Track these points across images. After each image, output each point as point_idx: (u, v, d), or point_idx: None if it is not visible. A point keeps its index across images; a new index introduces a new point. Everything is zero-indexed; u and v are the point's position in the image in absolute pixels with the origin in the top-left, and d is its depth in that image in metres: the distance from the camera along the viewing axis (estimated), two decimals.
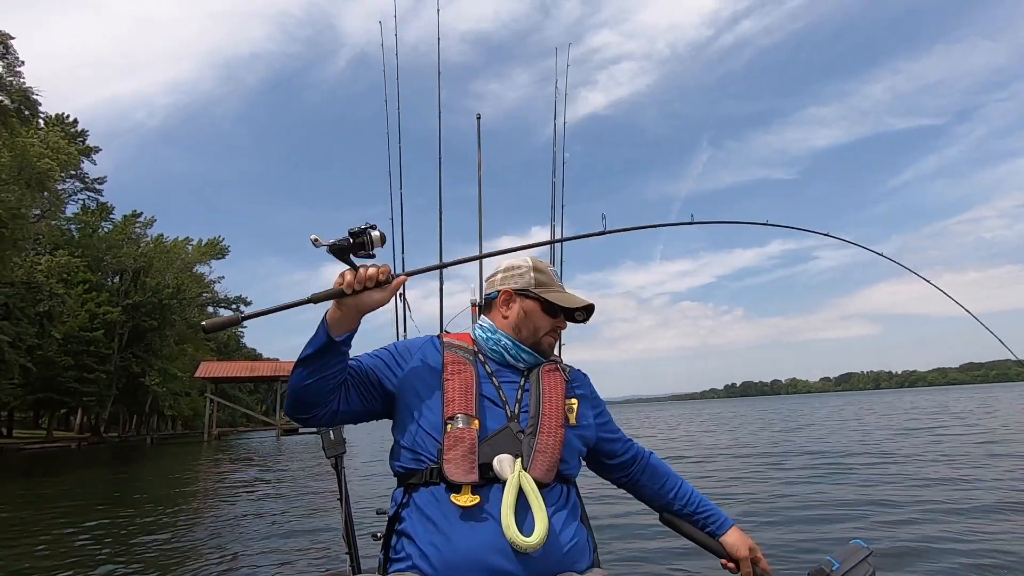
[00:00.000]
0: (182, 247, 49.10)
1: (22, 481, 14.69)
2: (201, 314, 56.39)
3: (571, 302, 1.43)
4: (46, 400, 37.18)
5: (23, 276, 29.50)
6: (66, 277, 34.24)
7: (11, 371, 28.75)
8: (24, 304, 30.62)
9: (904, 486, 6.51)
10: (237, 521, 6.90)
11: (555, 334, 1.45)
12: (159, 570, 4.74)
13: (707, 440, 15.41)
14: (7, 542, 6.33)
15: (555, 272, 1.50)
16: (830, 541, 4.25)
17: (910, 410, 26.50)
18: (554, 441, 1.27)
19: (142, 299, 42.15)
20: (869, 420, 20.52)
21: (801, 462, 9.26)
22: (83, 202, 43.61)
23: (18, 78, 21.13)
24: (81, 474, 16.60)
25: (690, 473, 8.33)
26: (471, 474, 1.17)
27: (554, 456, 1.25)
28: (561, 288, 1.48)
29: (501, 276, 1.48)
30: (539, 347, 1.42)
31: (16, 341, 28.80)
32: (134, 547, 5.75)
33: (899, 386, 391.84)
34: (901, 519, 4.89)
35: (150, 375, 42.55)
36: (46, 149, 24.68)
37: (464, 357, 1.35)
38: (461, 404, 1.25)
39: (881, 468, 8.02)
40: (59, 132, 29.84)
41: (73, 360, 36.17)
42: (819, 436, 14.25)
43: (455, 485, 1.16)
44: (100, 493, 11.40)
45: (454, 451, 1.19)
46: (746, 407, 63.14)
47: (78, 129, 39.87)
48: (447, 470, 1.17)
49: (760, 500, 6.20)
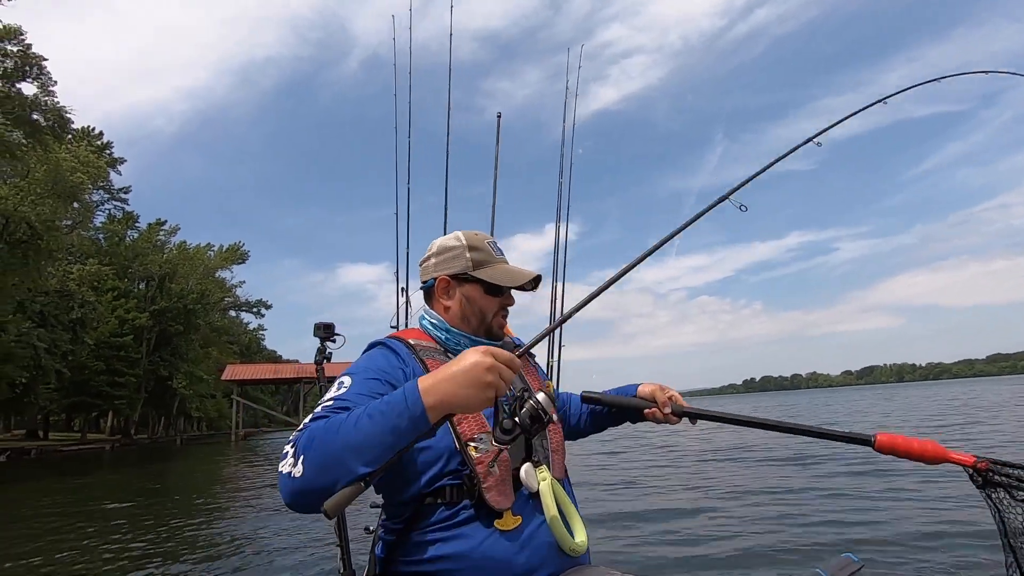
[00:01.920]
0: (204, 253, 50.39)
1: (69, 479, 15.55)
2: (223, 318, 57.85)
3: (515, 279, 1.29)
4: (80, 403, 38.57)
5: (56, 285, 30.77)
6: (96, 285, 35.60)
7: (48, 376, 29.98)
8: (58, 312, 31.91)
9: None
10: (267, 516, 7.48)
11: (504, 312, 1.32)
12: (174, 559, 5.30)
13: (734, 439, 15.13)
14: (81, 532, 6.98)
15: (492, 243, 1.35)
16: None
17: (970, 402, 24.81)
18: (560, 436, 1.26)
19: (168, 304, 43.45)
20: (921, 411, 20.24)
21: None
22: (110, 211, 45.17)
23: (51, 97, 22.09)
24: (124, 472, 17.45)
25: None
26: (511, 495, 1.12)
27: (564, 451, 1.25)
28: (502, 260, 1.33)
29: (434, 261, 1.33)
30: (491, 332, 1.30)
31: (52, 347, 30.02)
32: (176, 538, 6.34)
33: (923, 378, 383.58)
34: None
35: (177, 378, 43.91)
36: (77, 163, 25.77)
37: (443, 360, 1.21)
38: (476, 421, 1.15)
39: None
40: (87, 146, 31.00)
41: (104, 365, 37.51)
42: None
43: (495, 511, 1.10)
44: (154, 489, 12.14)
45: (492, 477, 1.11)
46: (766, 401, 62.53)
47: (103, 142, 41.18)
48: (490, 499, 1.10)
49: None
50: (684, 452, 12.26)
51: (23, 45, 21.34)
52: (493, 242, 1.35)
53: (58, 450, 32.00)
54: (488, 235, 1.36)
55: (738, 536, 5.05)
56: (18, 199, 24.47)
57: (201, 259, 49.43)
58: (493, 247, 1.34)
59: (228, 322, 59.22)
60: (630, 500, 7.01)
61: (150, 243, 45.64)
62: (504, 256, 1.36)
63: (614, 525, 5.58)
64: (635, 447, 13.84)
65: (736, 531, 5.23)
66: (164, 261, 45.32)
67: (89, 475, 17.04)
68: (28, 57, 21.37)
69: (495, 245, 1.35)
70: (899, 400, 35.89)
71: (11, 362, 24.64)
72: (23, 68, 21.37)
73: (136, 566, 5.20)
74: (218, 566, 5.03)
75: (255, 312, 60.73)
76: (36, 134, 21.85)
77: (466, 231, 1.35)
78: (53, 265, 29.14)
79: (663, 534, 5.20)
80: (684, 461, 10.72)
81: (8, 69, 21.10)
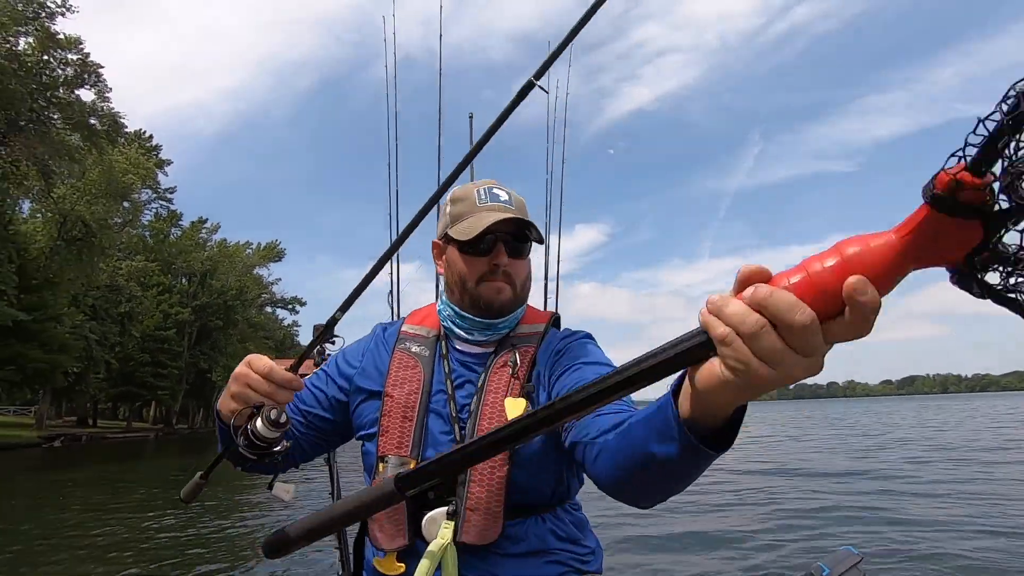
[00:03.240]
0: (242, 251, 52.18)
1: (122, 463, 16.48)
2: (260, 314, 59.78)
3: (479, 223, 0.98)
4: (126, 393, 40.54)
5: (107, 280, 32.49)
6: (143, 280, 37.46)
7: (98, 366, 31.66)
8: (108, 306, 33.68)
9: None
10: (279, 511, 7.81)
11: (497, 276, 1.01)
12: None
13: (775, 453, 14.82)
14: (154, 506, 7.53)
15: (487, 189, 1.04)
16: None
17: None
18: (489, 488, 0.93)
19: (209, 300, 45.27)
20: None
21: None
22: (156, 210, 47.29)
23: (107, 103, 23.38)
24: (171, 458, 18.36)
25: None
26: (399, 539, 0.95)
27: (491, 509, 0.93)
28: (489, 208, 1.01)
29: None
30: (479, 303, 1.02)
31: (102, 339, 31.71)
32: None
33: (970, 390, 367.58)
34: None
35: (216, 371, 45.68)
36: (129, 165, 27.19)
37: (417, 352, 1.05)
38: (395, 438, 0.98)
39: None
40: (138, 148, 32.60)
41: (149, 357, 39.33)
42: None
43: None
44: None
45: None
46: (798, 410, 61.00)
47: (152, 144, 43.13)
48: (371, 532, 0.98)
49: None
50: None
51: (82, 54, 22.65)
52: (489, 188, 1.04)
53: (106, 437, 33.73)
54: (492, 181, 1.08)
55: (737, 529, 5.19)
56: (75, 199, 26.02)
57: (240, 256, 51.21)
58: (483, 194, 1.03)
59: (264, 318, 61.07)
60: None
61: (193, 241, 47.57)
62: (502, 202, 1.02)
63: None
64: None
65: (736, 523, 5.36)
66: (205, 258, 47.16)
67: (141, 460, 18.01)
68: (87, 66, 22.68)
69: (490, 191, 1.04)
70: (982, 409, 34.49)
71: (66, 352, 26.15)
72: (82, 76, 22.68)
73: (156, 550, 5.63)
74: (219, 561, 5.18)
75: (290, 309, 62.59)
76: (92, 138, 23.15)
77: (469, 183, 1.09)
78: (105, 261, 30.76)
79: (662, 525, 5.31)
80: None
81: (68, 77, 22.43)
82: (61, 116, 21.82)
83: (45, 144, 20.41)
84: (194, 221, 49.29)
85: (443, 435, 0.98)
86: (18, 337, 22.38)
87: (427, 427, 0.99)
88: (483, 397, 0.99)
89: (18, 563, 5.14)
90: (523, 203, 1.07)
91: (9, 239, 22.60)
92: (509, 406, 0.96)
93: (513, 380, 0.99)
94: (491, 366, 1.01)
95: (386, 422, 0.99)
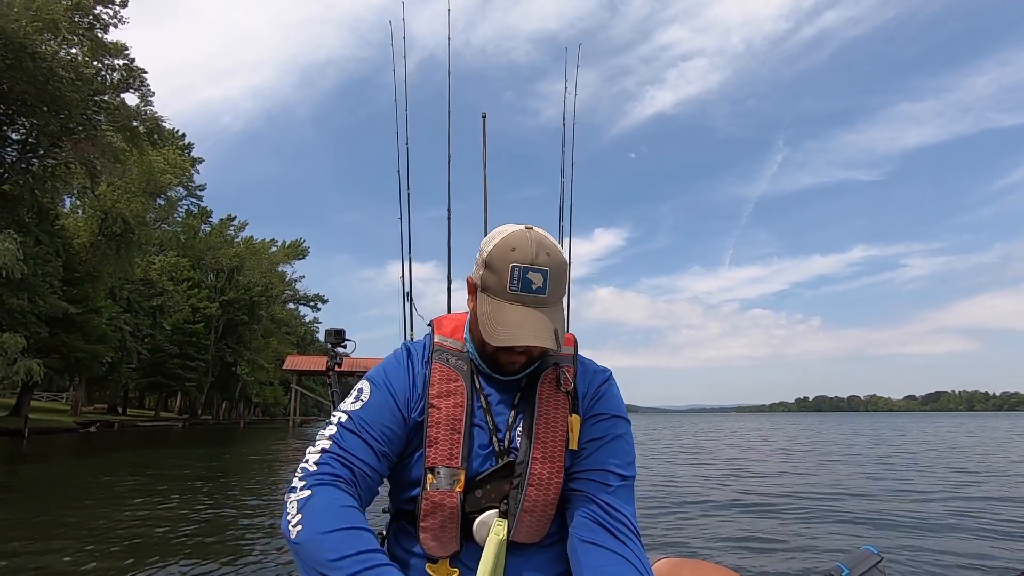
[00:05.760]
0: (268, 248, 53.58)
1: (155, 449, 17.41)
2: (283, 310, 61.25)
3: (501, 329, 0.95)
4: (155, 383, 42.04)
5: (141, 274, 33.92)
6: (174, 275, 38.95)
7: (131, 357, 33.01)
8: (141, 299, 35.13)
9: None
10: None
11: (514, 356, 1.03)
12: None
13: (755, 436, 14.78)
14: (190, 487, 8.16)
15: (521, 268, 0.95)
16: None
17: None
18: (547, 493, 1.00)
19: (235, 296, 46.73)
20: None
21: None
22: (187, 207, 48.89)
23: (150, 107, 24.58)
24: (200, 446, 19.26)
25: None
26: (451, 545, 1.00)
27: (547, 511, 1.01)
28: (515, 299, 0.96)
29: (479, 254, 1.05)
30: (493, 366, 1.06)
31: (135, 331, 33.08)
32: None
33: (997, 408, 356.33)
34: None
35: (241, 365, 47.12)
36: (166, 165, 28.47)
37: (455, 366, 1.07)
38: (444, 450, 1.00)
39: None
40: (173, 147, 33.98)
41: (178, 349, 40.77)
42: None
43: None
44: (239, 466, 13.61)
45: (431, 519, 0.99)
46: (820, 422, 59.89)
47: (186, 143, 44.69)
48: (423, 541, 1.01)
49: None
50: (712, 453, 12.53)
51: (127, 59, 23.86)
52: (523, 268, 0.95)
53: (136, 424, 35.15)
54: (527, 235, 0.97)
55: (758, 528, 5.41)
56: (115, 197, 27.35)
57: (266, 253, 52.62)
58: (515, 273, 0.95)
59: (287, 314, 62.51)
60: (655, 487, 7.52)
61: (221, 237, 49.08)
62: (533, 292, 0.95)
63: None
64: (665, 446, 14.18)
65: (754, 525, 5.59)
66: (233, 255, 48.60)
67: (169, 447, 18.94)
68: (131, 71, 23.88)
69: (523, 276, 0.95)
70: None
71: (105, 343, 27.45)
72: (127, 80, 23.88)
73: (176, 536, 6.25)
74: (219, 560, 4.90)
75: (312, 306, 63.99)
76: (135, 140, 24.36)
77: (509, 235, 0.99)
78: (140, 257, 32.12)
79: (680, 526, 5.58)
80: (716, 459, 11.10)
81: (115, 81, 23.65)
82: (107, 119, 23.04)
83: (96, 147, 21.60)
84: (223, 218, 50.90)
85: (482, 448, 1.03)
86: (63, 328, 23.68)
87: (472, 433, 1.03)
88: (537, 408, 1.04)
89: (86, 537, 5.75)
90: (561, 269, 0.98)
91: (56, 234, 23.91)
92: (573, 423, 1.04)
93: (564, 396, 1.06)
94: (540, 380, 1.07)
95: (434, 433, 1.01)
